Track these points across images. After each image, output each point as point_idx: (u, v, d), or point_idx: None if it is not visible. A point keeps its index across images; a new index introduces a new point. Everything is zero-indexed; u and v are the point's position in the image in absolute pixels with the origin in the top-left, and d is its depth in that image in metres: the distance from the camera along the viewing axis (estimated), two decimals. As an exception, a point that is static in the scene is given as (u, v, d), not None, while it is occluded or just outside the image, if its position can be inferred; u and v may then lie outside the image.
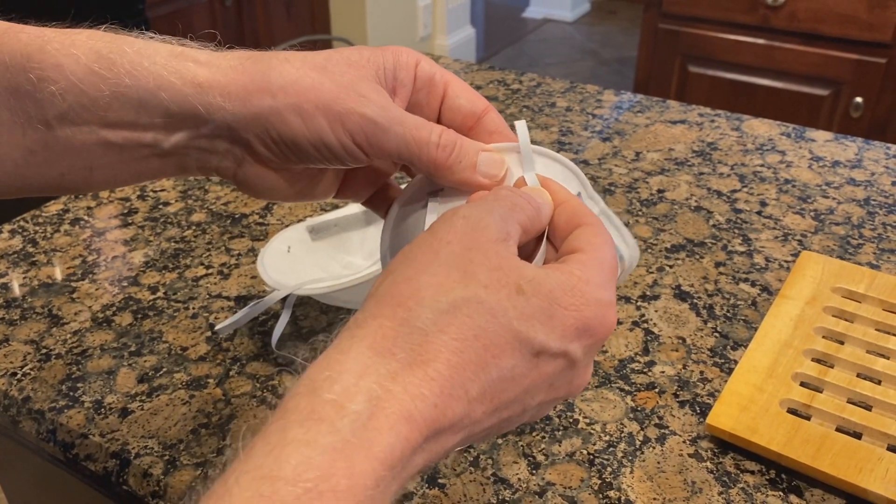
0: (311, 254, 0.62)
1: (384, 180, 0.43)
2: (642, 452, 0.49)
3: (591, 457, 0.49)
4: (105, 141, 0.36)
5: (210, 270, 0.67)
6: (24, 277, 0.67)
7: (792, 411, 0.50)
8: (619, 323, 0.60)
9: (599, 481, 0.47)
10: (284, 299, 0.59)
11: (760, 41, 1.85)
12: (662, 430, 0.51)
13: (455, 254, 0.29)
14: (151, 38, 0.37)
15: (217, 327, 0.57)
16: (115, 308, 0.63)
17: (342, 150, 0.36)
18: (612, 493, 0.46)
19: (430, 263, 0.29)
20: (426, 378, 0.26)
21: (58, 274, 0.68)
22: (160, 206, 0.78)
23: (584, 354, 0.31)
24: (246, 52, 0.37)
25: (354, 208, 0.65)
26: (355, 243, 0.64)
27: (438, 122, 0.40)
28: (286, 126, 0.35)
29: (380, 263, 0.57)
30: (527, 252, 0.34)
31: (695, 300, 0.63)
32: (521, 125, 0.39)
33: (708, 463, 0.48)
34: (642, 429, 0.51)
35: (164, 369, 0.56)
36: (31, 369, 0.57)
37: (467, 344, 0.27)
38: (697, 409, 0.52)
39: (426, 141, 0.36)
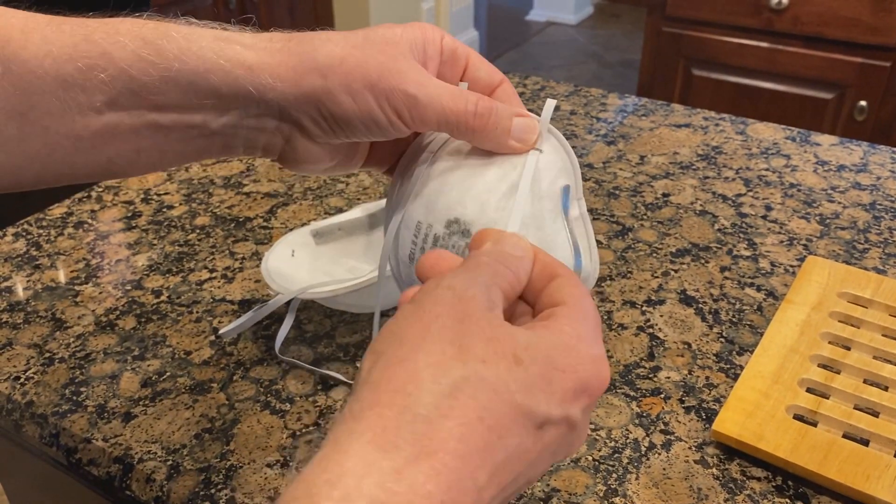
0: (316, 258, 0.62)
1: (405, 148, 0.44)
2: (648, 458, 0.49)
3: (597, 463, 0.49)
4: (153, 123, 0.37)
5: (214, 274, 0.67)
6: (28, 281, 0.67)
7: (798, 417, 0.50)
8: (625, 328, 0.60)
9: (605, 487, 0.47)
10: (288, 303, 0.59)
11: (764, 44, 1.84)
12: (668, 436, 0.50)
13: (447, 327, 0.27)
14: (193, 23, 0.38)
15: (221, 331, 0.57)
16: (118, 312, 0.63)
17: (389, 125, 0.38)
18: (617, 500, 0.46)
19: (422, 341, 0.27)
20: (432, 472, 0.24)
21: (61, 277, 0.68)
22: (164, 210, 0.78)
23: (582, 414, 0.30)
24: (285, 33, 0.39)
25: (358, 212, 0.64)
26: (359, 248, 0.64)
27: None
28: (337, 105, 0.37)
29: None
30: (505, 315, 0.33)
31: (700, 305, 0.62)
32: (549, 102, 0.40)
33: (714, 469, 0.48)
34: (648, 435, 0.51)
35: (168, 373, 0.56)
36: (34, 373, 0.57)
37: (472, 428, 0.25)
38: (703, 414, 0.52)
39: (464, 111, 0.38)
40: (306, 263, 0.61)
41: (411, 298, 0.30)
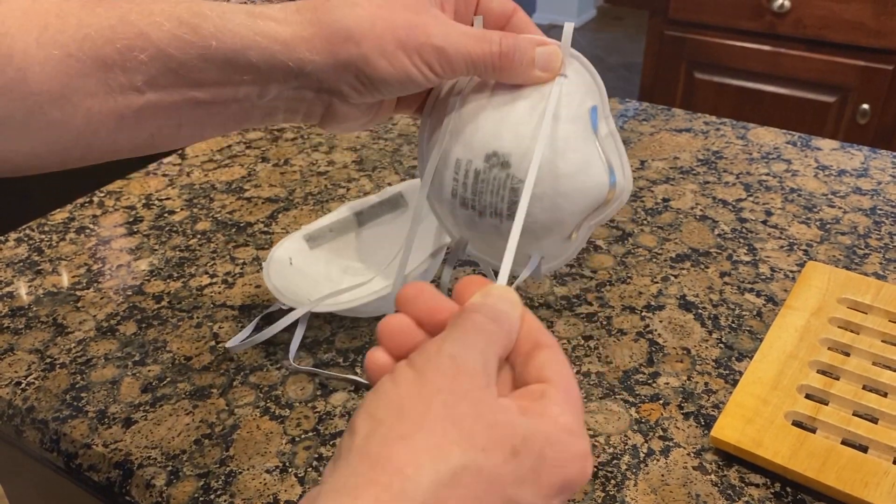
0: (312, 263, 0.63)
1: (429, 89, 0.45)
2: (646, 465, 0.49)
3: (595, 469, 0.49)
4: (194, 100, 0.38)
5: (215, 279, 0.67)
6: (30, 286, 0.68)
7: (797, 424, 0.50)
8: (624, 333, 0.60)
9: (603, 494, 0.47)
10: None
11: (766, 48, 1.84)
12: (667, 443, 0.50)
13: (448, 405, 0.27)
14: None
15: (228, 345, 0.57)
16: (119, 317, 0.63)
17: (423, 79, 0.39)
18: (615, 506, 0.46)
19: (423, 418, 0.27)
20: None
21: (63, 282, 0.68)
22: (165, 215, 0.78)
23: None
24: (307, 2, 0.39)
25: (345, 211, 0.65)
26: (351, 246, 0.65)
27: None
28: (374, 69, 0.38)
29: (387, 280, 0.57)
30: None
31: (699, 310, 0.62)
32: (568, 26, 0.41)
33: (712, 476, 0.48)
34: (646, 441, 0.51)
35: (168, 379, 0.56)
36: (35, 378, 0.57)
37: None
38: (702, 420, 0.52)
39: (489, 53, 0.39)
40: (305, 270, 0.61)
41: (409, 360, 0.29)
